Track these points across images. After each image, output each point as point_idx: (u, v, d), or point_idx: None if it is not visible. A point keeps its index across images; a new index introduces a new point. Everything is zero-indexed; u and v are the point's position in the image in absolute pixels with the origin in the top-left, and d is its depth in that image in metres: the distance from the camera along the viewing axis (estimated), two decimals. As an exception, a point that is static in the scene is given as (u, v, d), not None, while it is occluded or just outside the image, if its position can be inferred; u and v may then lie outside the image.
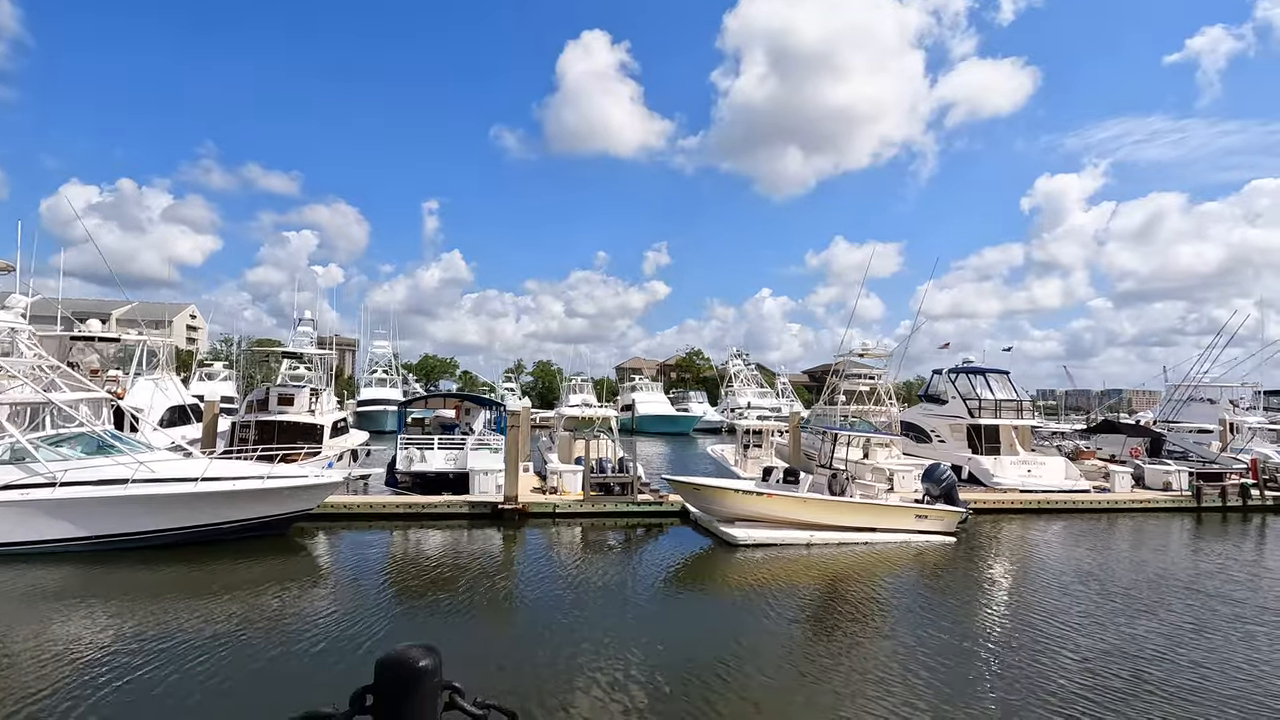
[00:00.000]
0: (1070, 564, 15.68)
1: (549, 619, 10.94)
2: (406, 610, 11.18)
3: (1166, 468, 25.23)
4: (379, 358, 65.47)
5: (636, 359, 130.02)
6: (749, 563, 14.97)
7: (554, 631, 10.26)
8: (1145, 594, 13.05)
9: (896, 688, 8.49)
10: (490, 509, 18.17)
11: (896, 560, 15.33)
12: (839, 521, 16.54)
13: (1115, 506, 22.50)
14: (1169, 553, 17.16)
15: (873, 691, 8.39)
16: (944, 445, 28.03)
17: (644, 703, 7.92)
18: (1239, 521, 21.74)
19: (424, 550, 15.48)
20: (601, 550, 16.04)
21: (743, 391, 70.01)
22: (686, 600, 12.66)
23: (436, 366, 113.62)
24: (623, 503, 18.95)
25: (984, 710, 7.90)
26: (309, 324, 53.01)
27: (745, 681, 8.56)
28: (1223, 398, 41.13)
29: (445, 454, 21.49)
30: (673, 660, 9.17)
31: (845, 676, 8.90)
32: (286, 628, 10.07)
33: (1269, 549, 18.21)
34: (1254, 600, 12.79)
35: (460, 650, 9.51)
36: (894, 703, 8.04)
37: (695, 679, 8.56)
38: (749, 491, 16.49)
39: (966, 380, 28.29)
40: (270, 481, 14.35)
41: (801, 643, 10.20)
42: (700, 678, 8.61)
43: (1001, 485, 24.19)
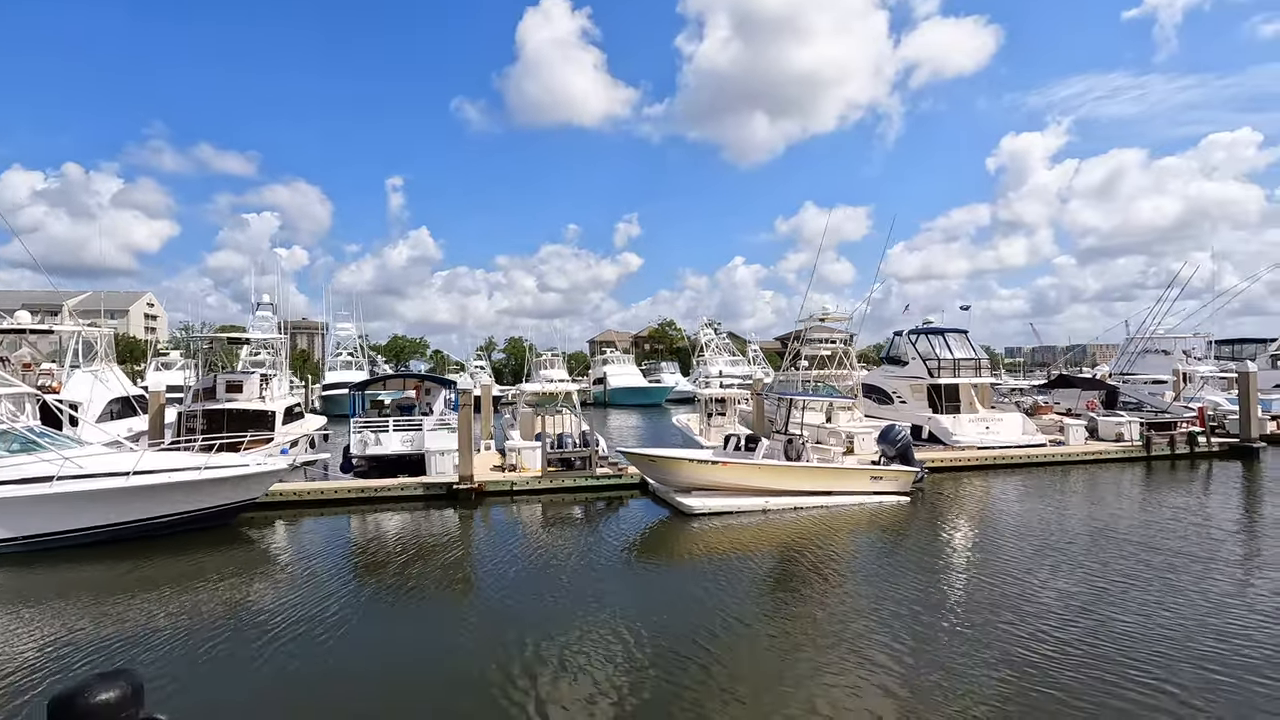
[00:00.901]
0: (1019, 518, 15.94)
1: (506, 598, 10.76)
2: (356, 596, 10.86)
3: (1119, 419, 25.80)
4: (344, 340, 64.24)
5: (610, 332, 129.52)
6: (706, 531, 14.94)
7: (512, 611, 10.09)
8: (1085, 545, 13.28)
9: (854, 646, 8.51)
10: (446, 489, 17.90)
11: (852, 522, 15.43)
12: (795, 486, 16.58)
13: (1069, 459, 22.96)
14: (1108, 503, 17.48)
15: (833, 650, 8.41)
16: (906, 406, 28.30)
17: (616, 678, 7.78)
18: (1186, 469, 22.31)
19: (376, 534, 15.18)
20: (559, 526, 15.90)
21: (714, 360, 70.13)
22: (643, 572, 12.53)
23: (406, 347, 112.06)
24: (581, 477, 18.79)
25: (946, 661, 7.92)
26: (268, 308, 51.61)
27: (712, 651, 8.45)
28: (1176, 349, 42.17)
29: (402, 436, 21.12)
30: (636, 631, 9.05)
31: (808, 637, 8.89)
32: (233, 621, 9.72)
33: (1207, 495, 18.67)
34: (1181, 548, 13.07)
35: (415, 635, 9.31)
36: (858, 660, 8.04)
37: (661, 649, 8.46)
38: (703, 461, 16.42)
39: (926, 341, 28.49)
40: (207, 472, 13.88)
41: (762, 607, 10.12)
42: (665, 647, 8.51)
43: (961, 443, 24.54)
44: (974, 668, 7.89)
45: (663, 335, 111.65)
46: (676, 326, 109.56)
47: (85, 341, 22.81)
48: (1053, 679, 7.57)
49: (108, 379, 22.54)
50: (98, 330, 23.45)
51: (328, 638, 9.09)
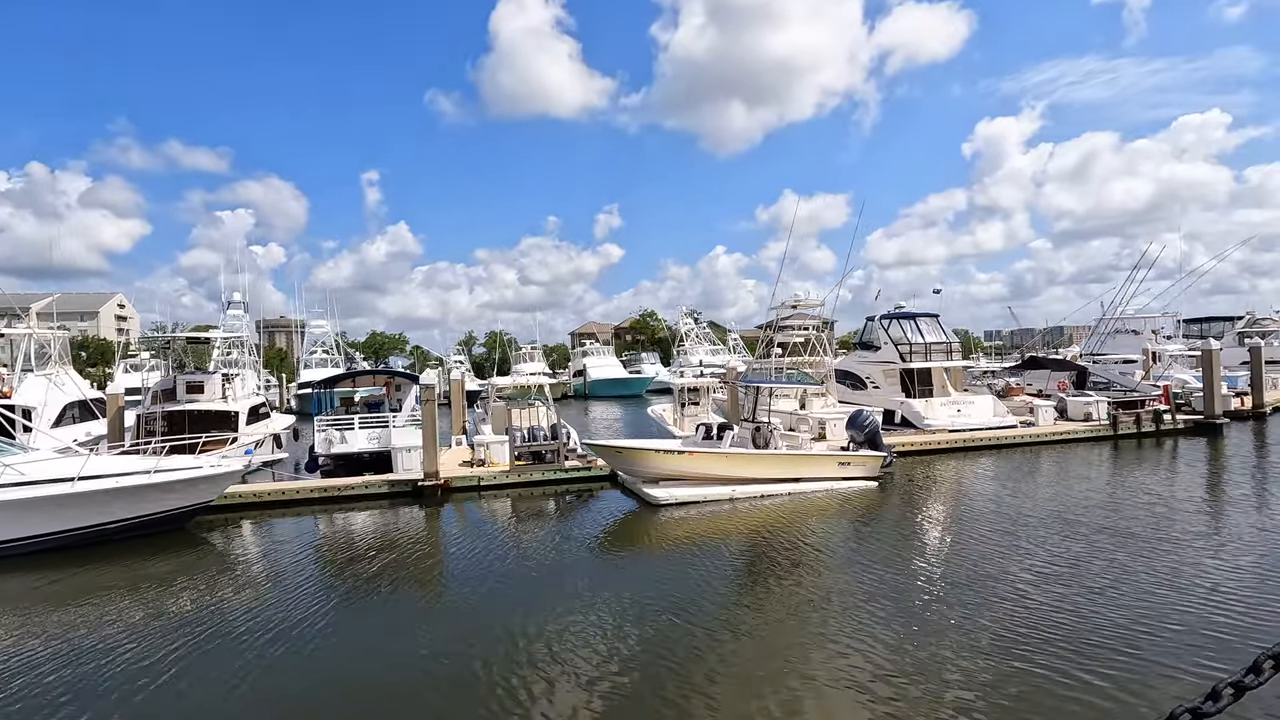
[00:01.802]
0: (983, 499, 16.03)
1: (470, 595, 10.62)
2: (315, 598, 10.56)
3: (1087, 399, 26.04)
4: (319, 337, 63.27)
5: (591, 324, 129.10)
6: (673, 522, 14.84)
7: (476, 608, 9.94)
8: (1046, 525, 13.33)
9: (820, 631, 8.47)
10: (411, 487, 17.63)
11: (818, 508, 15.40)
12: (762, 474, 16.52)
13: (1037, 440, 23.14)
14: (1071, 483, 17.62)
15: (801, 636, 8.37)
16: (879, 391, 28.37)
17: (583, 674, 7.62)
18: (1152, 446, 22.57)
19: (338, 534, 14.92)
20: (526, 520, 15.71)
21: (694, 350, 70.13)
22: (609, 564, 12.36)
23: (385, 343, 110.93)
24: (550, 471, 18.60)
25: (914, 644, 7.86)
26: (239, 306, 50.78)
27: (680, 642, 8.32)
28: (1146, 328, 42.72)
29: (368, 434, 20.76)
30: (601, 624, 8.91)
31: (775, 626, 8.83)
32: (185, 628, 9.40)
33: (1169, 473, 18.89)
34: (1134, 529, 13.18)
35: (377, 635, 9.06)
36: (826, 646, 7.96)
37: (627, 641, 8.33)
38: (668, 450, 16.30)
39: (898, 325, 28.53)
40: (156, 476, 13.51)
41: (728, 596, 10.02)
42: (632, 640, 8.39)
43: (932, 426, 24.64)
44: (943, 650, 7.83)
45: (644, 326, 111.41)
46: (658, 317, 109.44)
47: (39, 345, 22.15)
48: (1021, 657, 7.56)
49: (63, 383, 21.93)
50: (51, 333, 22.80)
51: (285, 641, 8.86)
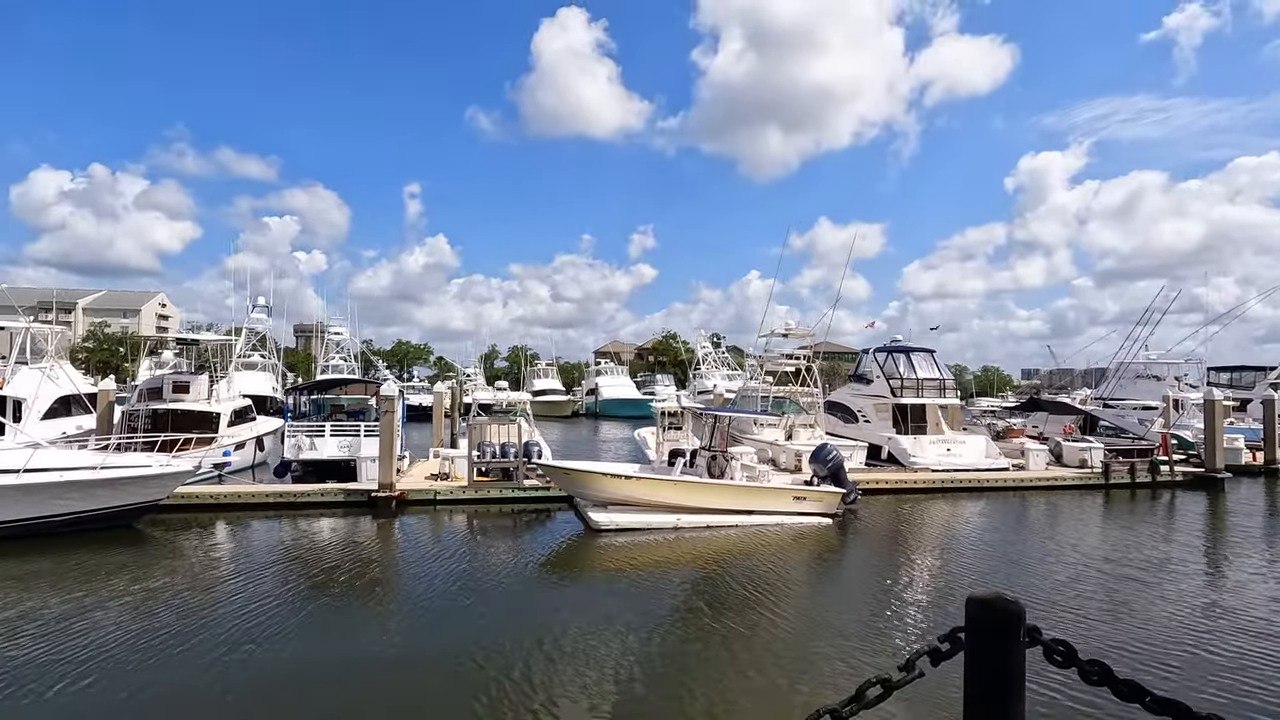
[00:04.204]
0: (940, 545, 15.45)
1: (396, 611, 10.59)
2: (245, 604, 10.58)
3: (1084, 445, 25.01)
4: (338, 343, 64.54)
5: (615, 343, 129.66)
6: (611, 548, 14.58)
7: (396, 624, 9.90)
8: (989, 578, 12.75)
9: (715, 669, 8.13)
10: (366, 497, 17.71)
11: (764, 542, 14.97)
12: (713, 504, 16.17)
13: (1023, 485, 22.25)
14: (1033, 535, 16.87)
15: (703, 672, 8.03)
16: (869, 425, 27.72)
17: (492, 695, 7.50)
18: (1146, 499, 21.51)
19: (283, 541, 15.02)
20: (471, 537, 15.64)
21: (711, 374, 69.67)
22: (535, 588, 12.08)
23: (410, 353, 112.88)
24: (507, 489, 18.52)
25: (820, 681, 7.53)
26: (264, 310, 52.21)
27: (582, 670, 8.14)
28: (1169, 374, 41.05)
29: (339, 441, 21.00)
30: (510, 648, 8.75)
31: (694, 658, 8.54)
32: (116, 630, 9.42)
33: (1142, 529, 17.92)
34: (1058, 593, 12.50)
35: (303, 645, 9.02)
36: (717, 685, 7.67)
37: (527, 665, 8.17)
38: (617, 475, 16.08)
39: (891, 359, 27.93)
40: (102, 472, 13.81)
41: (637, 628, 9.76)
42: (532, 663, 8.21)
43: (919, 464, 23.93)
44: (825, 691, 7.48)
45: (666, 348, 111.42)
46: (680, 339, 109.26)
47: (34, 337, 23.00)
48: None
49: (57, 376, 22.70)
50: (49, 328, 23.68)
51: (205, 644, 8.87)
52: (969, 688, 2.27)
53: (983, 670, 2.26)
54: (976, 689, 2.27)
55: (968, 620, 2.31)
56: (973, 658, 2.28)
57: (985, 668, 2.26)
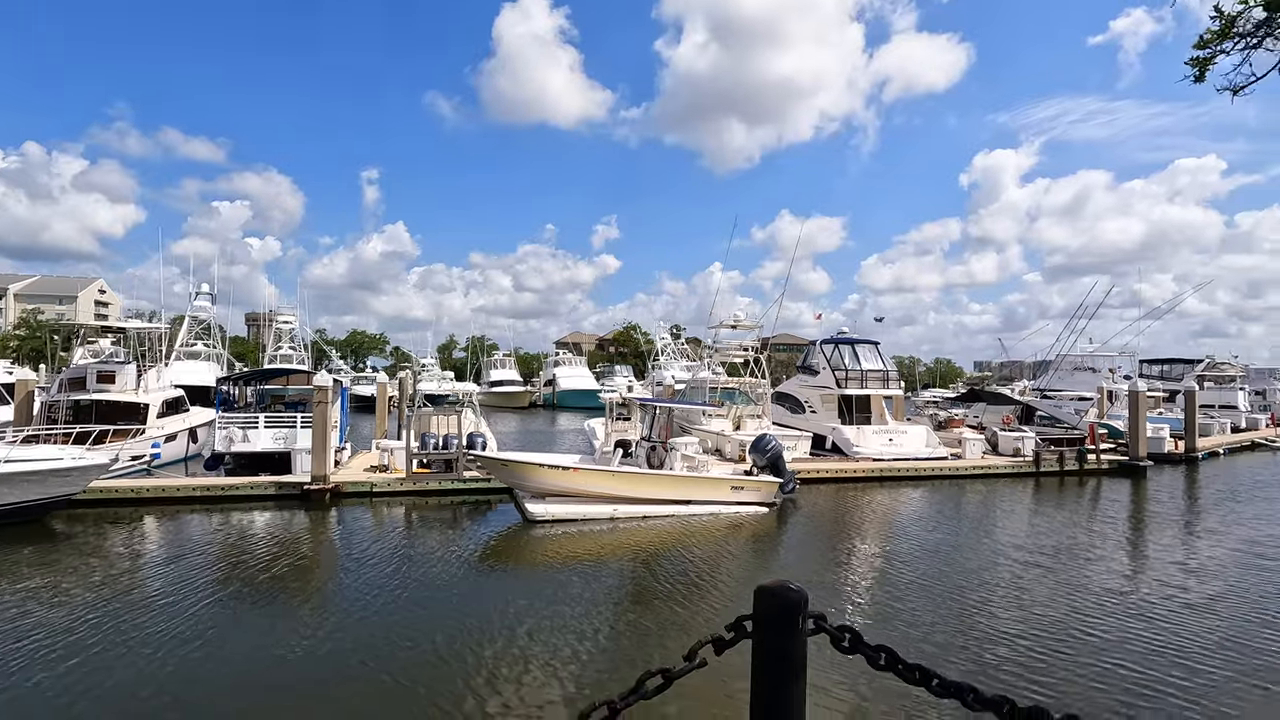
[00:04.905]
0: (873, 530, 15.80)
1: (322, 605, 10.33)
2: (160, 600, 10.17)
3: (1019, 435, 25.85)
4: (284, 333, 62.72)
5: (576, 333, 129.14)
6: (547, 539, 14.52)
7: (318, 620, 9.60)
8: (917, 560, 13.08)
9: (627, 657, 8.12)
10: (298, 490, 17.29)
11: (701, 531, 15.09)
12: (651, 494, 16.22)
13: (959, 473, 22.90)
14: (962, 518, 17.42)
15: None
16: (816, 415, 28.17)
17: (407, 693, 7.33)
18: (1073, 485, 22.35)
19: (207, 535, 14.50)
20: (404, 530, 15.37)
21: (670, 365, 69.88)
22: (473, 580, 11.87)
23: (366, 343, 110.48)
24: (446, 480, 18.29)
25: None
26: (208, 297, 50.53)
27: (492, 660, 8.04)
28: (1103, 367, 42.70)
29: (274, 433, 20.44)
30: (430, 638, 8.61)
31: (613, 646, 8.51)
32: (22, 631, 8.99)
33: (1060, 514, 18.61)
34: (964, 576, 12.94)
35: (222, 644, 8.68)
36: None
37: (450, 654, 8.02)
38: (554, 466, 16.01)
39: (837, 351, 28.40)
40: (7, 465, 13.17)
41: (576, 619, 9.70)
42: (453, 653, 8.07)
43: (862, 454, 24.41)
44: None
45: (627, 339, 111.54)
46: (641, 330, 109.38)
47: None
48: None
49: (-29, 366, 21.55)
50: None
51: (118, 640, 8.55)
52: (755, 673, 2.29)
53: (767, 656, 2.29)
54: (761, 674, 2.30)
55: (755, 609, 2.34)
56: (759, 645, 2.31)
57: (770, 654, 2.29)
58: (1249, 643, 8.91)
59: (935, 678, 2.64)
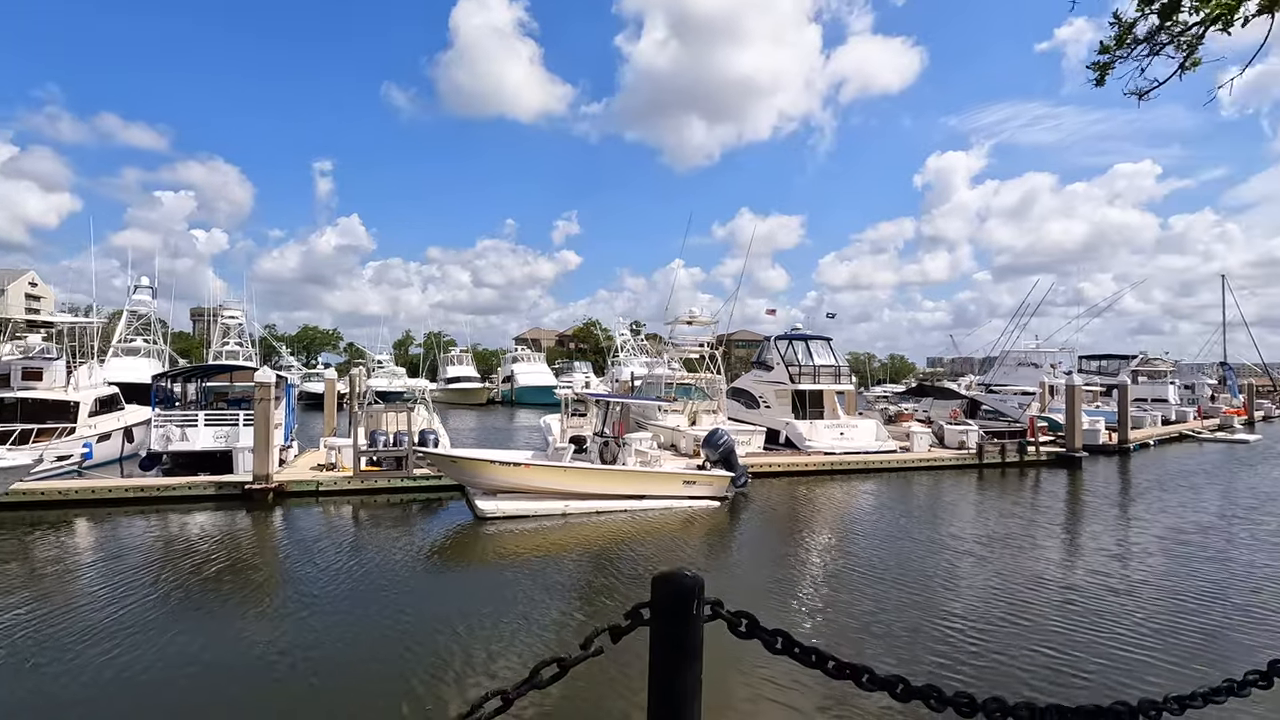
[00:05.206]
0: (820, 520, 16.12)
1: (262, 608, 10.01)
2: (90, 607, 9.69)
3: (964, 428, 26.67)
4: (230, 328, 60.58)
5: (536, 330, 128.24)
6: (498, 536, 14.39)
7: (260, 623, 9.32)
8: (862, 549, 13.40)
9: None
10: (240, 489, 16.75)
11: (653, 526, 15.16)
12: (603, 489, 16.23)
13: (907, 466, 23.52)
14: (910, 507, 17.93)
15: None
16: (770, 410, 28.55)
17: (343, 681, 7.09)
18: (1015, 476, 23.16)
19: (143, 538, 13.93)
20: (351, 529, 15.03)
21: (629, 361, 69.95)
22: (419, 579, 11.63)
23: (318, 338, 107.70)
24: (396, 478, 17.96)
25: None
26: (148, 290, 48.38)
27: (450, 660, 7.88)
28: (1045, 363, 44.38)
29: (214, 431, 19.76)
30: (373, 640, 8.40)
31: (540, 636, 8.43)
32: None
33: (999, 503, 19.31)
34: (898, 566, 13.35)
35: (152, 646, 8.34)
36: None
37: (389, 657, 7.83)
38: (505, 462, 15.89)
39: (791, 347, 28.84)
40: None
41: (518, 616, 9.60)
42: (393, 655, 7.89)
43: (814, 448, 24.84)
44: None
45: (587, 335, 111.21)
46: (602, 326, 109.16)
47: None
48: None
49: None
50: None
51: (51, 647, 8.17)
52: (652, 659, 2.32)
53: (664, 642, 2.32)
54: (658, 660, 2.32)
55: (652, 596, 2.36)
56: (656, 631, 2.34)
57: (666, 640, 2.32)
58: (1164, 623, 9.38)
59: (831, 660, 2.71)
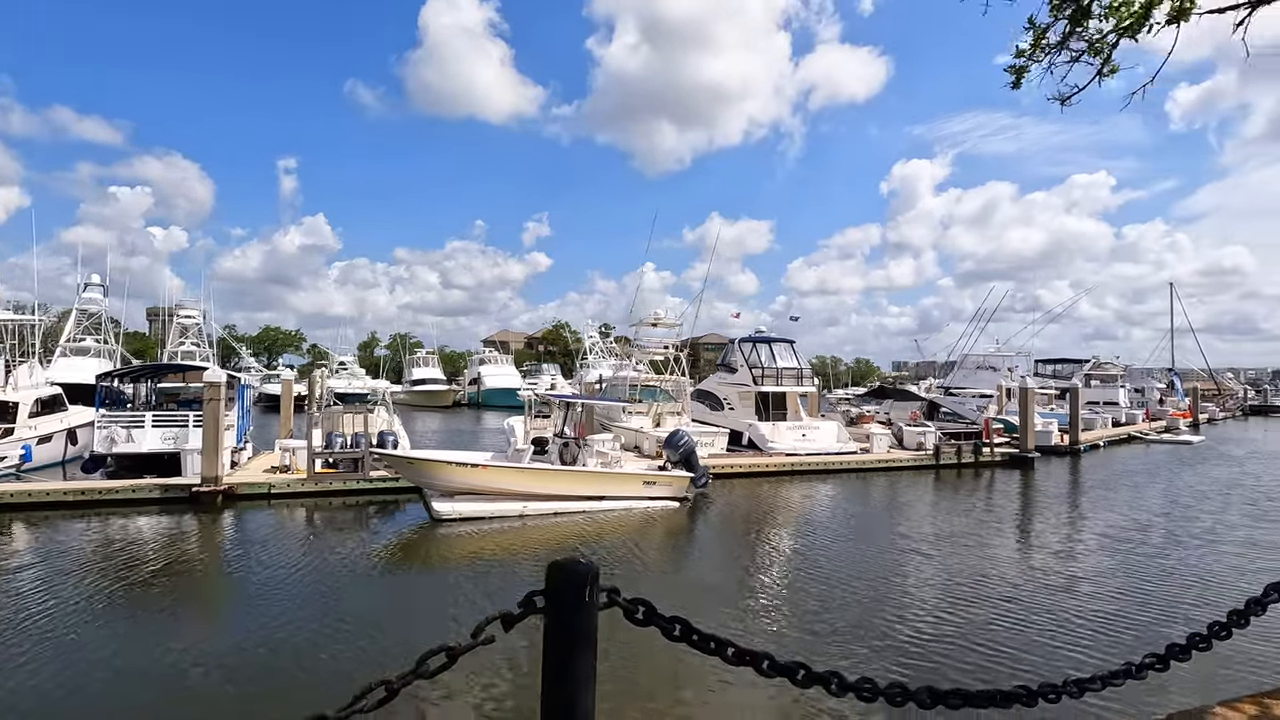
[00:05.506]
0: (779, 519, 16.30)
1: (205, 614, 9.79)
2: (27, 614, 9.30)
3: (922, 429, 27.20)
4: (187, 328, 58.89)
5: (505, 331, 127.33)
6: (454, 538, 14.21)
7: (201, 630, 9.06)
8: (819, 546, 13.56)
9: None
10: (186, 492, 16.28)
11: (611, 527, 15.14)
12: (563, 490, 16.16)
13: (866, 466, 23.88)
14: (866, 507, 18.23)
15: None
16: (734, 412, 28.77)
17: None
18: (970, 477, 23.67)
19: (84, 543, 13.43)
20: (303, 534, 14.68)
21: (598, 363, 69.85)
22: (369, 582, 11.39)
23: (280, 339, 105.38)
24: (351, 481, 17.64)
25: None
26: (99, 288, 46.75)
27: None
28: (1003, 366, 45.52)
29: (162, 432, 19.18)
30: (328, 645, 8.17)
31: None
32: None
33: (943, 503, 19.75)
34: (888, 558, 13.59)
35: (88, 653, 7.97)
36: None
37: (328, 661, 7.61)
38: (461, 463, 15.72)
39: (755, 349, 29.11)
40: None
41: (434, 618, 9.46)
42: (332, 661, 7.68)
43: (776, 449, 25.08)
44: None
45: (556, 337, 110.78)
46: (571, 329, 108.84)
47: None
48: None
49: None
50: None
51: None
52: (547, 647, 2.31)
53: (558, 630, 2.32)
54: (553, 648, 2.32)
55: (546, 584, 2.36)
56: (550, 619, 2.33)
57: (560, 628, 2.32)
58: (1092, 617, 9.66)
59: (730, 646, 2.72)
